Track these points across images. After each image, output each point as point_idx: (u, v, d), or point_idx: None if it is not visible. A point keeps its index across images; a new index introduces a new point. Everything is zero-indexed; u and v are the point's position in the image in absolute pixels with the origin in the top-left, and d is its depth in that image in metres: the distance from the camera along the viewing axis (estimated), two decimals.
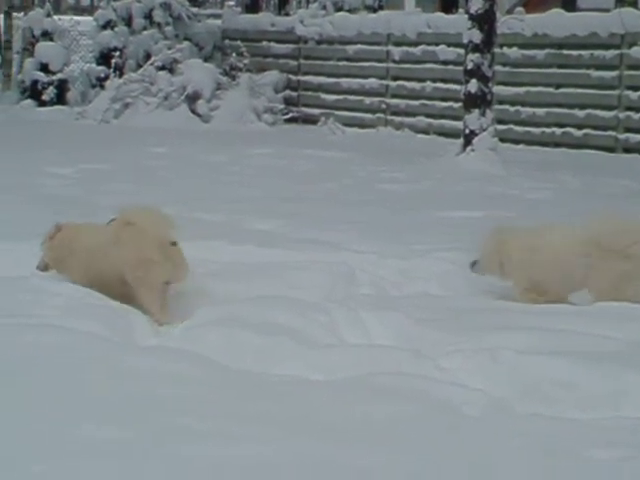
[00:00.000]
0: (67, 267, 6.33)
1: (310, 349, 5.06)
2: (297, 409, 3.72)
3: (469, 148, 14.49)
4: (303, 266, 6.69)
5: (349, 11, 23.35)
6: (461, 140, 14.85)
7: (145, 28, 23.30)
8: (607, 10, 19.03)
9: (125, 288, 6.03)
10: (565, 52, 17.54)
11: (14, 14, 26.90)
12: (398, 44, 19.93)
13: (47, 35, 24.13)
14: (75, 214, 6.31)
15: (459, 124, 15.48)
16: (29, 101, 22.91)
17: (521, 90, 17.95)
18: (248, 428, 3.42)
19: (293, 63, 21.95)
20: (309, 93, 21.64)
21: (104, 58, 23.41)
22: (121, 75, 22.17)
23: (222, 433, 3.33)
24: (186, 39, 23.11)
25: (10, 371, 3.86)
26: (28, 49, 24.55)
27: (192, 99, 20.78)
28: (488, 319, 5.60)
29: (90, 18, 26.20)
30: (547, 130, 17.68)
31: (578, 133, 17.33)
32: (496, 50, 15.31)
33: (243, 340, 5.16)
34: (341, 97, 20.84)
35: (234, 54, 22.11)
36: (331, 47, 21.16)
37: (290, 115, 21.33)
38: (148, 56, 22.40)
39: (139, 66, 22.39)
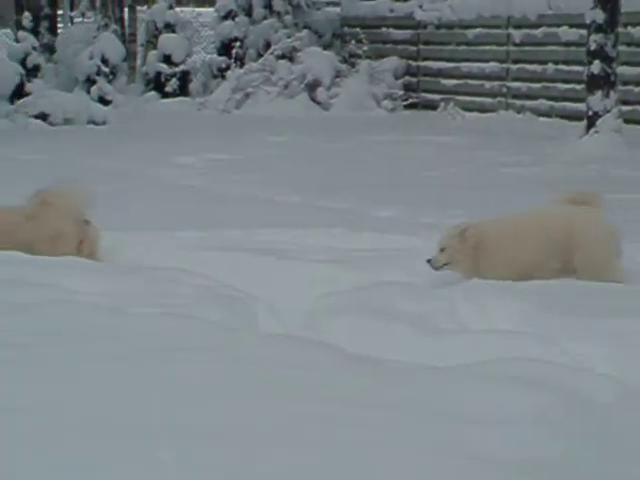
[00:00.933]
0: None
1: (432, 335, 5.07)
2: (422, 395, 3.73)
3: (592, 130, 14.26)
4: (425, 252, 6.69)
5: None
6: (584, 122, 14.62)
7: (265, 17, 23.52)
8: None
9: None
10: None
11: (138, 7, 27.47)
12: (518, 27, 19.67)
13: (170, 27, 24.58)
14: (205, 203, 6.47)
15: (582, 106, 15.23)
16: (153, 93, 23.39)
17: None
18: (373, 414, 3.45)
19: (412, 49, 21.87)
20: (428, 78, 21.54)
21: (225, 48, 23.73)
22: (242, 65, 22.45)
23: (348, 418, 3.37)
24: (305, 27, 23.24)
25: (144, 359, 3.98)
26: (151, 42, 25.05)
27: (312, 87, 20.91)
28: (609, 303, 5.52)
29: (211, 9, 26.55)
30: None
31: None
32: (620, 30, 14.99)
33: (365, 326, 5.20)
34: (461, 82, 20.69)
35: (353, 41, 22.16)
36: (450, 31, 21.01)
37: (410, 101, 21.28)
38: (268, 45, 22.62)
39: (259, 55, 22.64)
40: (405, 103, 21.23)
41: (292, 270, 6.26)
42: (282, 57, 21.76)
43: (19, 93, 20.75)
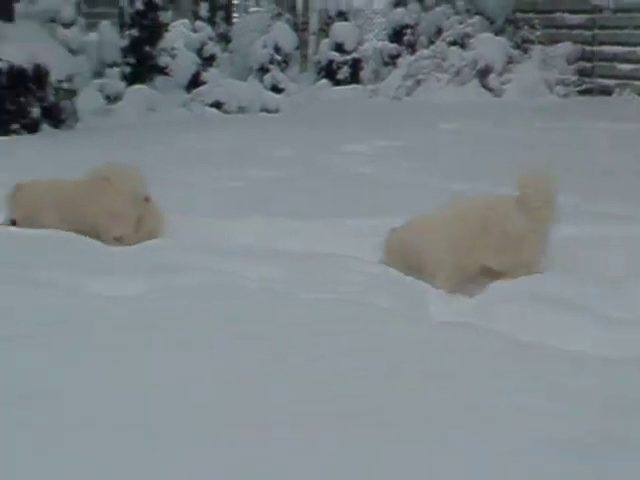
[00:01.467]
0: (39, 221, 6.92)
1: (605, 324, 4.99)
2: (606, 386, 3.69)
3: None
4: (600, 242, 6.58)
5: None
6: None
7: (437, 4, 23.43)
8: None
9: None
10: None
11: None
12: None
13: (342, 15, 24.77)
14: (375, 191, 6.52)
15: None
16: (324, 81, 23.62)
17: None
18: (544, 402, 3.44)
19: (587, 33, 21.37)
20: (603, 63, 21.01)
21: (396, 35, 23.75)
22: (413, 52, 22.42)
23: (520, 407, 3.38)
24: (477, 13, 23.01)
25: (313, 345, 4.07)
26: (324, 30, 25.29)
27: (483, 73, 20.71)
28: None
29: None
30: None
31: None
32: None
33: (536, 314, 5.16)
34: (638, 66, 20.10)
35: (526, 26, 21.82)
36: (628, 15, 20.44)
37: (584, 87, 20.81)
38: (439, 32, 22.52)
39: (431, 42, 22.56)
40: (579, 89, 20.77)
41: None
42: (453, 43, 21.61)
43: (195, 82, 21.31)
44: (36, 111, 16.31)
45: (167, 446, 2.92)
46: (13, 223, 7.11)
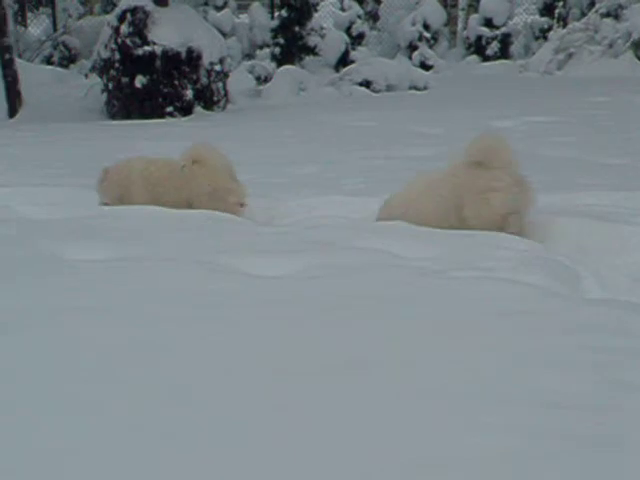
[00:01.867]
0: (128, 200, 7.05)
1: None
2: None
3: None
4: None
5: None
6: None
7: None
8: None
9: None
10: None
11: None
12: None
13: None
14: (526, 168, 6.45)
15: None
16: (473, 56, 23.43)
17: None
18: None
19: None
20: None
21: (547, 9, 23.39)
22: (564, 25, 22.03)
23: None
24: None
25: (464, 324, 4.09)
26: (473, 5, 25.06)
27: (637, 45, 20.17)
28: None
29: None
30: None
31: None
32: None
33: None
34: None
35: None
36: None
37: None
38: (592, 4, 22.04)
39: (583, 15, 22.10)
40: None
41: (617, 234, 6.15)
42: (607, 15, 21.11)
43: (344, 61, 21.43)
44: (189, 93, 16.72)
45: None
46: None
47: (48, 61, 23.14)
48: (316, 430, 2.95)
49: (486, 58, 22.97)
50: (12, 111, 17.10)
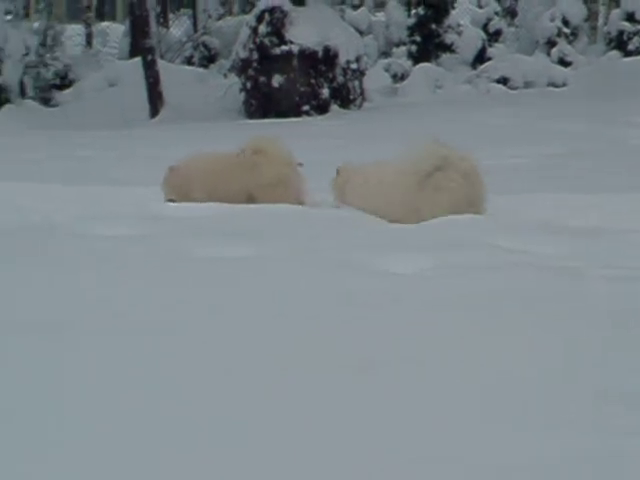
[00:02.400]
0: (191, 195, 7.20)
1: None
2: None
3: None
4: None
5: None
6: None
7: None
8: None
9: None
10: None
11: None
12: None
13: None
14: None
15: None
16: (614, 52, 22.91)
17: None
18: None
19: None
20: None
21: None
22: None
23: None
24: None
25: (599, 323, 4.01)
26: (614, 0, 24.50)
27: None
28: None
29: None
30: None
31: None
32: None
33: None
34: None
35: None
36: None
37: None
38: None
39: None
40: None
41: None
42: None
43: (481, 58, 21.24)
44: (326, 92, 16.83)
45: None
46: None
47: (188, 61, 23.60)
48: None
49: (628, 53, 22.44)
50: (154, 111, 17.51)
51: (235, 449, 2.83)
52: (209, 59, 23.82)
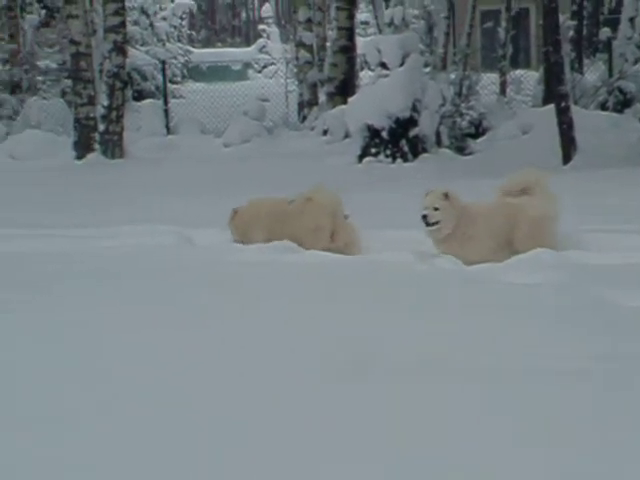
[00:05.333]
0: (252, 236, 8.18)
1: None
2: None
3: None
4: None
5: None
6: None
7: None
8: None
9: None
10: None
11: None
12: None
13: None
14: None
15: None
16: None
17: None
18: None
19: None
20: None
21: None
22: None
23: None
24: None
25: None
26: None
27: None
28: None
29: None
30: None
31: None
32: None
33: None
34: None
35: None
36: None
37: None
38: None
39: None
40: None
41: None
42: None
43: None
44: None
45: None
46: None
47: (602, 106, 23.32)
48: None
49: None
50: (566, 158, 17.48)
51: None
52: (624, 103, 23.39)
